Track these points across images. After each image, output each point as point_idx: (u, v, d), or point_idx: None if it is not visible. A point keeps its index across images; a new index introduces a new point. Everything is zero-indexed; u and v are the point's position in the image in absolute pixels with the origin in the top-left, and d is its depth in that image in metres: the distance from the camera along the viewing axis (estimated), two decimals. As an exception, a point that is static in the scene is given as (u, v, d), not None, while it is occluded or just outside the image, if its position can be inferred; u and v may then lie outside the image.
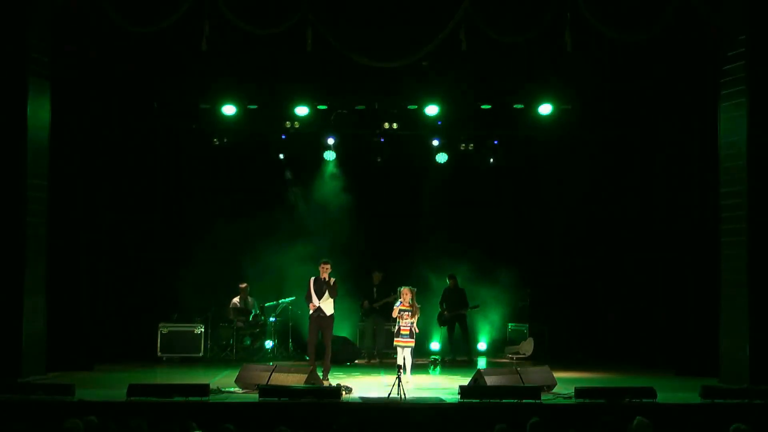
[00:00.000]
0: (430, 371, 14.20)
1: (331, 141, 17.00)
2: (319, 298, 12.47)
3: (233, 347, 15.74)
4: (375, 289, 15.77)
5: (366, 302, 15.75)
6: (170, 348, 15.25)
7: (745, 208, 11.73)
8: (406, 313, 12.25)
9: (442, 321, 16.21)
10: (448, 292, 16.26)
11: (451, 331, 16.21)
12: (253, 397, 10.17)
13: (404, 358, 12.23)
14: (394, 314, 12.36)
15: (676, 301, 13.82)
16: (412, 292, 12.34)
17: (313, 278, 12.62)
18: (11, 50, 11.68)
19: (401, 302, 12.28)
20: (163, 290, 15.97)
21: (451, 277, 16.28)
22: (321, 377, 12.02)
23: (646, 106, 14.62)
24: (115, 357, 14.30)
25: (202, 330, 15.45)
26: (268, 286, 16.70)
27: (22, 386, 10.38)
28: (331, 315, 12.62)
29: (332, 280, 12.51)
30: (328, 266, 12.55)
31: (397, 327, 12.35)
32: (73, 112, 13.13)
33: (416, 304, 12.37)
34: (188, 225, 16.63)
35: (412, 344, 12.34)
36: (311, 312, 12.59)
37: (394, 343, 12.41)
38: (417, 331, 12.40)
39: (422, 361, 14.76)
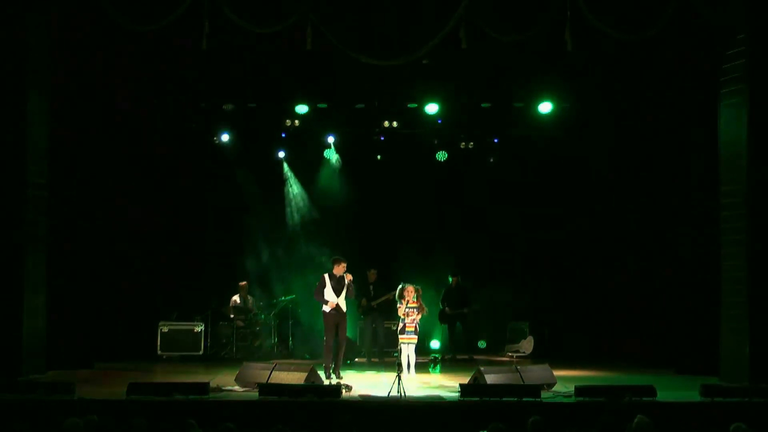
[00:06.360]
0: (430, 370, 14.20)
1: (331, 139, 17.02)
2: (338, 295, 12.35)
3: (233, 345, 15.75)
4: (371, 287, 15.69)
5: (365, 300, 15.65)
6: (170, 346, 15.27)
7: (744, 207, 11.73)
8: (412, 310, 12.31)
9: (443, 319, 16.21)
10: (449, 291, 16.25)
11: (451, 329, 16.21)
12: (253, 395, 10.15)
13: (408, 356, 12.29)
14: (401, 312, 12.37)
15: (676, 299, 13.81)
16: (417, 290, 12.42)
17: (327, 275, 12.42)
18: (11, 51, 11.68)
19: (407, 300, 12.30)
20: (163, 289, 15.98)
21: (454, 276, 16.28)
22: (331, 375, 12.11)
23: (646, 105, 14.61)
24: (115, 355, 14.28)
25: (202, 328, 15.46)
26: (268, 284, 16.72)
27: (23, 385, 10.35)
28: (346, 311, 12.56)
29: (350, 277, 12.38)
30: (345, 264, 12.38)
31: (402, 324, 12.38)
32: (73, 112, 13.12)
33: (423, 305, 12.43)
34: (188, 224, 16.63)
35: (416, 341, 12.48)
36: (328, 310, 12.36)
37: (400, 340, 12.38)
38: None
39: (422, 359, 14.74)
